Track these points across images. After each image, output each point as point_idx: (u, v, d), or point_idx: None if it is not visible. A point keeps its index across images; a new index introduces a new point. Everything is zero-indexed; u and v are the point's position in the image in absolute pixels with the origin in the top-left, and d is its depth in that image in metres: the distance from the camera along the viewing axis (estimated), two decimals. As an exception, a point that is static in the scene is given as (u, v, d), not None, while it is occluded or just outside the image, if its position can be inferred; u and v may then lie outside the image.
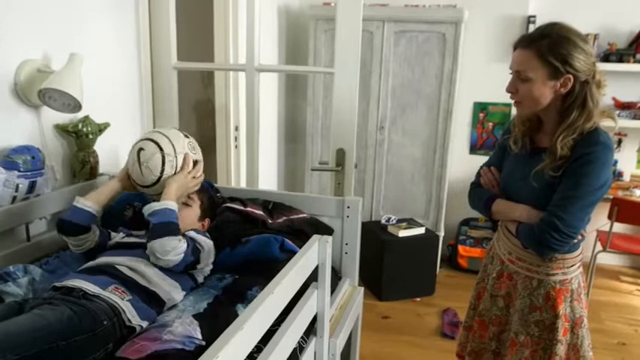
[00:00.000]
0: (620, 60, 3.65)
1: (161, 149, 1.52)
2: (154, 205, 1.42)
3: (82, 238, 1.50)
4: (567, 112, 1.43)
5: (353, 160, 2.10)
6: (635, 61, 3.64)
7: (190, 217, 1.62)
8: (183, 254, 1.36)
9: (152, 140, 1.53)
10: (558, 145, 1.41)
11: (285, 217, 1.78)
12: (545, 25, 1.44)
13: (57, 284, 1.23)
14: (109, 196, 1.57)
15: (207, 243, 1.51)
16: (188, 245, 1.39)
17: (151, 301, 1.29)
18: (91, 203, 1.50)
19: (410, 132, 3.75)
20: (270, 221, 1.74)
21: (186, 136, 1.63)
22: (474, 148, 4.08)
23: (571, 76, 1.39)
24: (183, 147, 1.58)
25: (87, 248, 1.52)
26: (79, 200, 1.50)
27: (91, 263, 1.39)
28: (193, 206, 1.65)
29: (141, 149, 1.52)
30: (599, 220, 3.35)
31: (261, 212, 1.78)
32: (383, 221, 3.61)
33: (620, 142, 3.96)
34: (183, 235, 1.42)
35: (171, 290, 1.35)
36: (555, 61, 1.38)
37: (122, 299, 1.22)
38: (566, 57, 1.38)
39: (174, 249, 1.34)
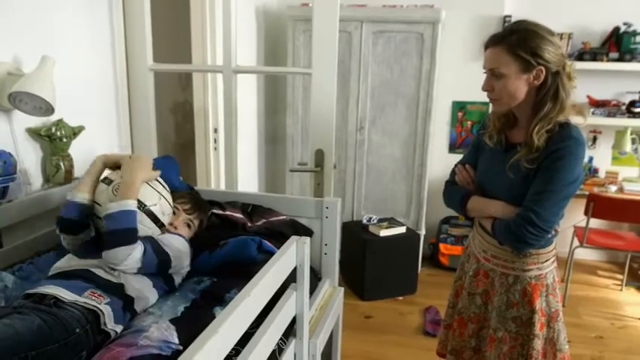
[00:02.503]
0: (594, 59, 3.71)
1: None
2: (111, 207, 1.33)
3: (80, 238, 1.47)
4: (541, 104, 1.46)
5: (332, 160, 2.10)
6: (608, 60, 3.70)
7: (185, 235, 1.60)
8: (140, 260, 1.32)
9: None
10: (535, 137, 1.44)
11: (264, 220, 1.77)
12: (513, 23, 1.50)
13: (29, 291, 1.21)
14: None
15: (180, 242, 1.48)
16: (145, 249, 1.34)
17: (126, 304, 1.27)
18: (87, 195, 1.44)
19: (389, 132, 3.77)
20: (249, 224, 1.74)
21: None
22: (453, 147, 4.11)
23: (543, 68, 1.43)
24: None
25: (78, 246, 1.47)
26: (75, 194, 1.43)
27: (63, 267, 1.35)
28: (192, 229, 1.63)
29: None
30: (576, 216, 3.41)
31: (240, 215, 1.77)
32: (364, 221, 3.62)
33: (595, 139, 4.03)
34: (143, 237, 1.38)
35: (142, 289, 1.33)
36: (526, 55, 1.42)
37: (100, 303, 1.20)
38: (535, 49, 1.42)
39: (127, 257, 1.29)
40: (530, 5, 3.75)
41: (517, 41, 1.43)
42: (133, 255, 1.30)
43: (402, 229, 3.51)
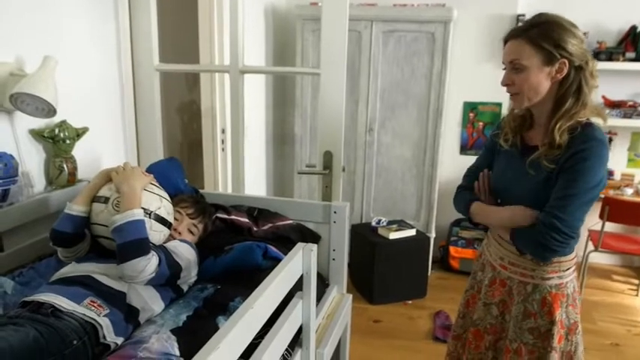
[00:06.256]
0: (610, 58, 3.63)
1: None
2: (117, 220, 1.29)
3: (75, 250, 1.43)
4: (563, 99, 1.39)
5: (341, 162, 2.05)
6: (624, 60, 3.62)
7: (189, 239, 1.56)
8: (155, 271, 1.28)
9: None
10: (556, 134, 1.37)
11: (270, 224, 1.73)
12: (534, 16, 1.42)
13: (26, 299, 1.17)
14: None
15: (188, 252, 1.45)
16: (160, 260, 1.31)
17: (128, 315, 1.23)
18: (84, 207, 1.40)
19: (399, 133, 3.71)
20: (255, 229, 1.70)
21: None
22: (464, 148, 4.05)
23: (565, 61, 1.36)
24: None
25: (77, 257, 1.43)
26: (72, 207, 1.40)
27: (66, 272, 1.31)
28: (196, 234, 1.60)
29: None
30: (591, 219, 3.33)
31: (246, 220, 1.73)
32: (373, 223, 3.56)
33: (610, 140, 3.94)
34: (155, 246, 1.35)
35: (149, 300, 1.29)
36: (549, 46, 1.35)
37: (99, 315, 1.16)
38: (558, 41, 1.35)
39: (145, 267, 1.26)
40: (544, 3, 3.63)
41: (539, 32, 1.36)
42: (150, 265, 1.27)
43: (411, 232, 3.46)
